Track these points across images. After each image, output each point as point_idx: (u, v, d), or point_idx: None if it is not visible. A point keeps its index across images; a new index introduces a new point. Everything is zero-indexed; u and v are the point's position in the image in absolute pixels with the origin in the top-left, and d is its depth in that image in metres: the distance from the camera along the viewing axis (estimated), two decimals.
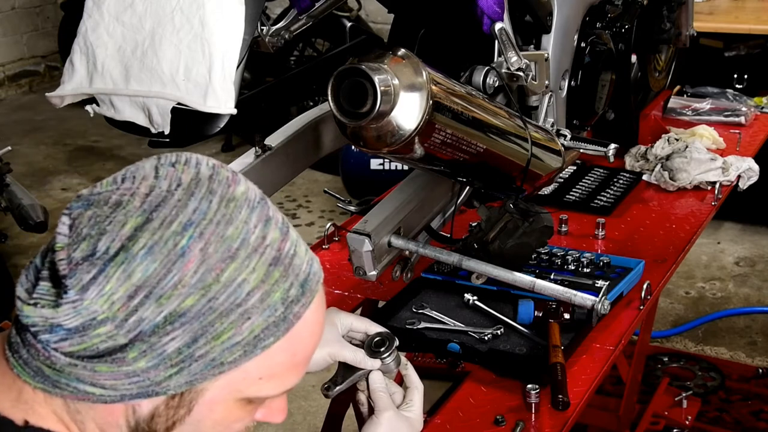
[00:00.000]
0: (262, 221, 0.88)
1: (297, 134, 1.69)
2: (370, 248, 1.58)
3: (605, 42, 2.20)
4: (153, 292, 0.83)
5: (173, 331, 0.84)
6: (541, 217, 1.76)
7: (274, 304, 0.87)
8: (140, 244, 0.83)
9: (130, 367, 0.85)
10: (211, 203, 0.86)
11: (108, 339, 0.84)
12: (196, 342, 0.85)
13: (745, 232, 4.39)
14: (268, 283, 0.87)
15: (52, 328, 0.84)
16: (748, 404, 3.09)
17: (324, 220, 4.73)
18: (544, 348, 1.61)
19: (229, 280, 0.85)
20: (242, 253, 0.85)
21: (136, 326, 0.83)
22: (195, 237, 0.84)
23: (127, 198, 0.86)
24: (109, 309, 0.83)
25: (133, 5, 1.40)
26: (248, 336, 0.86)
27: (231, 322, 0.85)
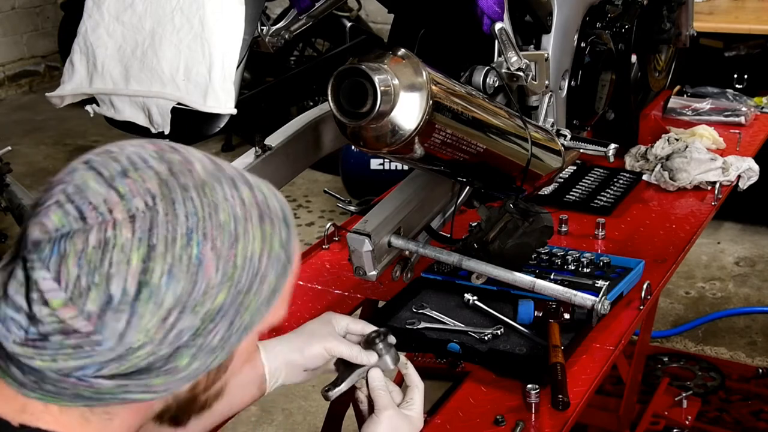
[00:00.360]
0: (232, 187, 0.89)
1: (297, 134, 1.69)
2: (370, 248, 1.58)
3: (605, 42, 2.20)
4: (186, 306, 0.84)
5: (214, 328, 0.87)
6: (541, 217, 1.76)
7: (277, 254, 0.91)
8: (158, 273, 0.82)
9: (184, 372, 0.88)
10: (194, 201, 0.85)
11: (149, 356, 0.85)
12: (233, 324, 0.88)
13: (745, 232, 4.39)
14: (267, 240, 0.90)
15: (84, 368, 0.84)
16: (748, 404, 3.09)
17: (324, 220, 4.73)
18: (544, 348, 1.61)
19: (243, 260, 0.87)
20: (240, 228, 0.87)
21: (177, 339, 0.85)
22: (201, 241, 0.84)
23: (110, 233, 0.81)
24: (146, 336, 0.83)
25: (133, 5, 1.40)
26: (268, 292, 0.91)
27: (255, 291, 0.89)
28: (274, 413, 3.15)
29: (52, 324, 0.82)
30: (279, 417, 3.14)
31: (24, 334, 0.83)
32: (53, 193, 0.84)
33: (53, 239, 0.82)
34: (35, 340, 0.83)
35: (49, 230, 0.82)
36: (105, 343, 0.82)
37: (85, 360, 0.83)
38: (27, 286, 0.82)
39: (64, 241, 0.82)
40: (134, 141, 0.89)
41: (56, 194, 0.84)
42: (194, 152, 0.91)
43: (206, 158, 0.90)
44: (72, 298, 0.81)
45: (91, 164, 0.86)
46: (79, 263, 0.81)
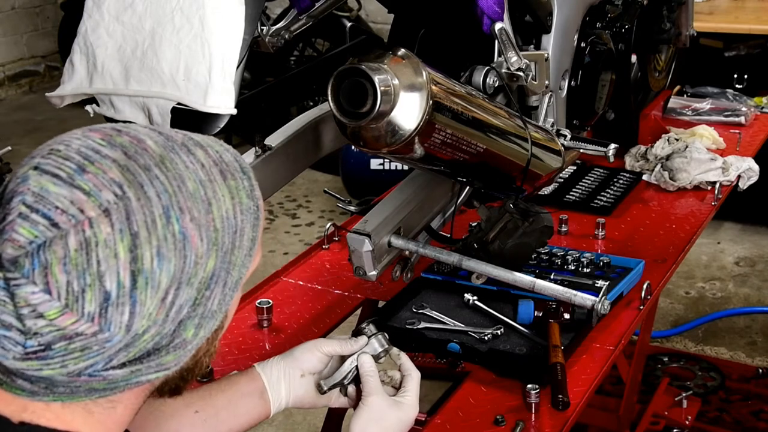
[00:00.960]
0: (188, 153, 0.89)
1: (297, 134, 1.68)
2: (370, 248, 1.58)
3: (605, 42, 2.20)
4: (181, 282, 0.85)
5: (210, 294, 0.89)
6: (541, 217, 1.76)
7: (247, 206, 0.92)
8: (148, 258, 0.82)
9: (192, 343, 0.89)
10: (159, 179, 0.85)
11: (154, 337, 0.85)
12: (226, 284, 0.90)
13: (745, 232, 4.39)
14: (235, 195, 0.91)
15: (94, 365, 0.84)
16: (748, 404, 3.09)
17: (324, 220, 4.73)
18: (544, 348, 1.61)
19: (221, 222, 0.89)
20: (209, 192, 0.88)
21: (178, 314, 0.86)
22: (180, 215, 0.85)
23: (88, 232, 0.80)
24: (149, 319, 0.84)
25: (133, 5, 1.40)
26: (248, 243, 0.92)
27: (237, 247, 0.91)
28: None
29: (52, 333, 0.82)
30: (279, 417, 3.14)
31: (22, 349, 0.82)
32: (12, 206, 0.82)
33: (30, 252, 0.80)
34: (37, 352, 0.82)
35: (22, 244, 0.80)
36: (113, 338, 0.83)
37: (95, 358, 0.84)
38: (14, 303, 0.81)
39: (42, 251, 0.80)
40: (76, 133, 0.87)
41: (16, 206, 0.82)
42: (139, 128, 0.90)
43: (152, 131, 0.90)
44: (68, 304, 0.81)
45: (42, 168, 0.83)
46: (66, 269, 0.80)
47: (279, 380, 1.35)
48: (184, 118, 1.40)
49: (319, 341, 1.37)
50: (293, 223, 4.79)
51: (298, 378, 1.36)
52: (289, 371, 1.36)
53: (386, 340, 1.37)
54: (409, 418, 1.32)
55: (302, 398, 1.37)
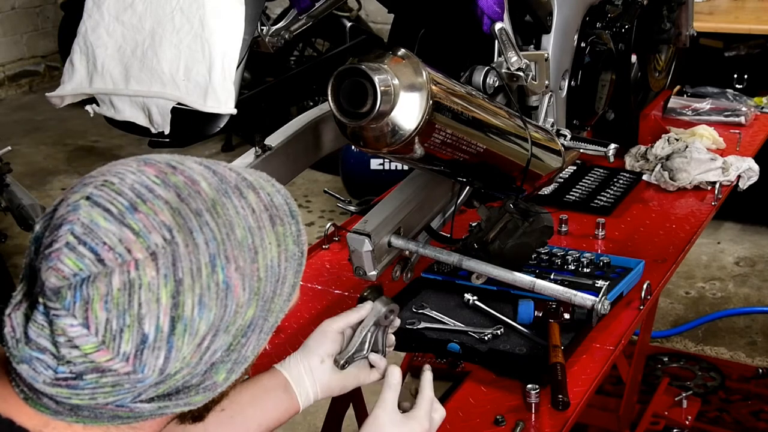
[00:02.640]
0: (239, 197, 0.89)
1: (297, 134, 1.68)
2: (370, 248, 1.58)
3: (605, 42, 2.20)
4: (219, 329, 0.85)
5: (247, 341, 0.89)
6: (541, 217, 1.76)
7: (292, 252, 0.92)
8: (189, 306, 0.82)
9: (222, 386, 0.90)
10: (209, 225, 0.84)
11: (185, 377, 0.86)
12: (262, 330, 0.90)
13: (745, 232, 4.39)
14: (282, 242, 0.91)
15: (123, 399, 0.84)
16: (748, 404, 3.09)
17: (324, 220, 4.73)
18: (544, 348, 1.61)
19: (265, 271, 0.88)
20: (257, 240, 0.88)
21: (212, 357, 0.86)
22: (225, 265, 0.84)
23: (133, 273, 0.80)
24: (182, 362, 0.84)
25: (133, 5, 1.40)
26: (288, 290, 0.92)
27: (278, 295, 0.91)
28: None
29: (85, 364, 0.81)
30: None
31: (53, 374, 0.82)
32: (60, 234, 0.82)
33: (73, 285, 0.80)
34: (67, 380, 0.82)
35: (66, 275, 0.80)
36: (146, 379, 0.83)
37: (126, 394, 0.84)
38: (51, 330, 0.81)
39: (85, 286, 0.80)
40: (131, 165, 0.87)
41: (64, 235, 0.81)
42: (194, 166, 0.89)
43: (207, 171, 0.89)
44: (104, 341, 0.80)
45: (94, 200, 0.83)
46: (107, 307, 0.80)
47: (300, 374, 1.35)
48: (184, 118, 1.40)
49: (325, 323, 1.37)
50: None
51: (318, 366, 1.35)
52: (307, 362, 1.36)
53: (388, 300, 1.38)
54: None
55: (329, 384, 1.36)
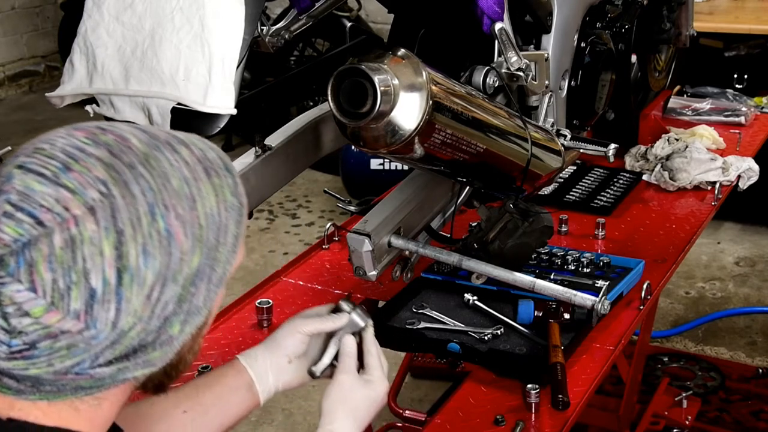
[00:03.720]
0: (172, 151, 0.89)
1: (297, 134, 1.68)
2: (370, 248, 1.58)
3: (605, 42, 2.20)
4: (166, 279, 0.85)
5: (196, 289, 0.89)
6: (541, 217, 1.76)
7: (231, 203, 0.92)
8: (133, 255, 0.83)
9: (178, 339, 0.89)
10: (144, 177, 0.85)
11: (140, 334, 0.86)
12: (210, 281, 0.90)
13: (745, 232, 4.39)
14: (219, 193, 0.91)
15: (81, 363, 0.84)
16: (748, 404, 3.09)
17: (324, 220, 4.73)
18: (544, 348, 1.61)
19: (206, 218, 0.89)
20: (193, 189, 0.88)
21: (164, 310, 0.86)
22: (164, 213, 0.85)
23: (74, 230, 0.81)
24: (135, 316, 0.84)
25: (133, 5, 1.40)
26: (232, 240, 0.93)
27: (222, 244, 0.91)
28: (274, 413, 3.15)
29: (37, 332, 0.82)
30: (279, 417, 3.14)
31: (7, 348, 0.82)
32: None
33: (15, 251, 0.81)
34: (22, 351, 0.83)
35: (7, 243, 0.81)
36: (100, 335, 0.83)
37: (82, 356, 0.84)
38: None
39: (27, 250, 0.80)
40: (60, 132, 0.88)
41: (0, 205, 0.82)
42: (123, 127, 0.90)
43: (136, 129, 0.90)
44: (53, 302, 0.81)
45: (26, 167, 0.84)
46: (51, 267, 0.80)
47: (266, 371, 1.35)
48: (184, 118, 1.40)
49: (298, 322, 1.37)
50: (293, 223, 4.79)
51: (285, 365, 1.36)
52: (275, 360, 1.36)
53: (365, 314, 1.38)
54: (377, 394, 1.32)
55: (291, 382, 1.38)
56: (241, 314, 1.90)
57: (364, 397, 1.31)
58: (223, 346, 1.78)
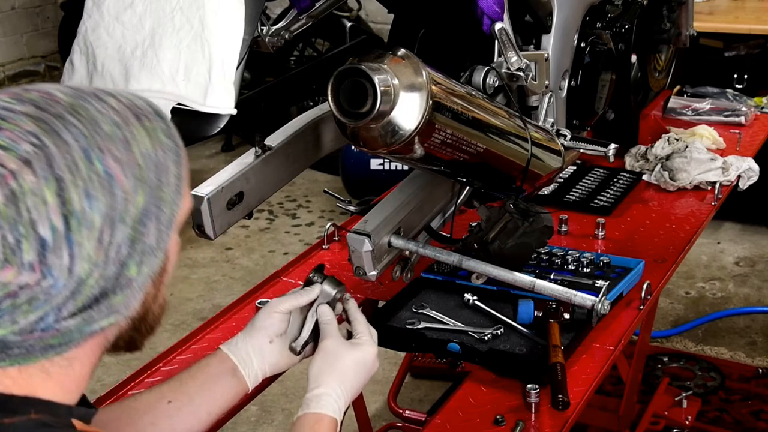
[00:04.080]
0: (98, 101, 0.90)
1: (297, 134, 1.68)
2: (370, 248, 1.58)
3: (605, 42, 2.20)
4: (114, 219, 0.86)
5: (146, 229, 0.89)
6: (541, 217, 1.76)
7: (166, 144, 0.93)
8: (77, 199, 0.84)
9: (138, 281, 0.90)
10: (74, 124, 0.86)
11: (99, 280, 0.86)
12: (159, 220, 0.91)
13: (745, 232, 4.39)
14: (152, 134, 0.92)
15: (44, 317, 0.85)
16: (748, 404, 3.09)
17: (324, 220, 4.73)
18: (544, 348, 1.61)
19: (143, 158, 0.90)
20: (126, 132, 0.89)
21: (118, 253, 0.87)
22: (100, 156, 0.86)
23: (13, 184, 0.82)
24: (90, 261, 0.85)
25: (133, 5, 1.40)
26: (174, 181, 0.93)
27: (164, 184, 0.92)
28: (274, 413, 3.15)
29: None
30: (279, 417, 3.14)
31: None
32: None
33: None
34: None
35: None
36: (57, 283, 0.84)
37: (44, 308, 0.84)
38: None
39: None
40: None
41: None
42: (45, 84, 0.91)
43: (60, 85, 0.91)
44: (6, 258, 0.82)
45: None
46: None
47: (249, 355, 1.37)
48: (184, 117, 1.40)
49: (273, 303, 1.39)
50: (293, 223, 4.79)
51: (267, 346, 1.37)
52: (256, 343, 1.37)
53: (336, 282, 1.41)
54: (367, 357, 1.34)
55: (277, 363, 1.39)
56: (241, 314, 1.90)
57: (351, 360, 1.32)
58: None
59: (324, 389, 1.28)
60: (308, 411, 1.27)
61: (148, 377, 1.70)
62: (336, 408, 1.28)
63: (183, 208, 0.96)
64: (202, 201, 1.47)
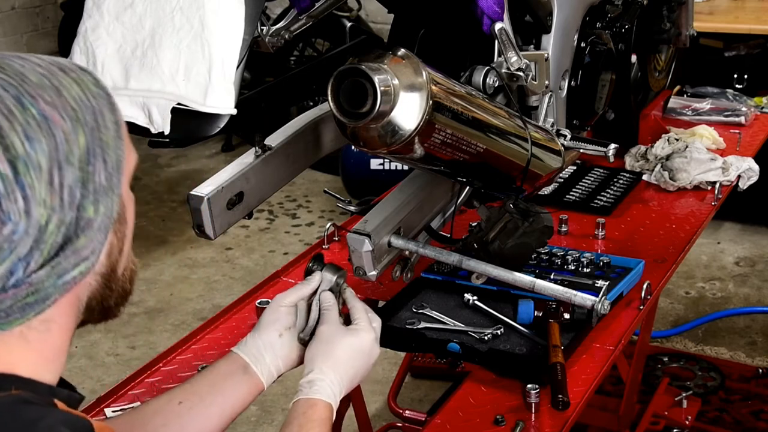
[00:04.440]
0: (21, 58, 0.93)
1: (297, 134, 1.68)
2: (370, 248, 1.58)
3: (605, 42, 2.20)
4: (60, 162, 0.88)
5: (94, 168, 0.91)
6: (541, 217, 1.76)
7: (96, 92, 0.95)
8: (18, 143, 0.85)
9: (97, 221, 0.92)
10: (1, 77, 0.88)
11: (60, 227, 0.88)
12: (106, 162, 0.92)
13: (745, 232, 4.39)
14: (81, 83, 0.94)
15: (13, 271, 0.86)
16: (748, 404, 3.09)
17: (324, 220, 4.73)
18: (544, 348, 1.61)
19: (76, 102, 0.91)
20: (54, 81, 0.91)
21: (72, 196, 0.89)
22: (32, 101, 0.88)
23: None
24: (45, 206, 0.86)
25: (133, 5, 1.40)
26: (112, 126, 0.95)
27: (103, 126, 0.93)
28: (274, 413, 3.15)
29: None
30: (279, 417, 3.14)
31: None
32: None
33: None
34: None
35: None
36: (18, 228, 0.85)
37: (11, 259, 0.85)
38: None
39: None
40: None
41: None
42: None
43: None
44: None
45: None
46: None
47: (259, 351, 1.37)
48: (184, 117, 1.40)
49: (277, 298, 1.40)
50: (293, 223, 4.79)
51: (277, 340, 1.38)
52: (265, 339, 1.37)
53: (336, 268, 1.42)
54: (363, 343, 1.34)
55: (289, 357, 1.39)
56: (241, 314, 1.90)
57: (347, 345, 1.32)
58: (223, 346, 1.78)
59: (317, 374, 1.29)
60: (301, 396, 1.27)
61: (148, 377, 1.70)
62: (330, 393, 1.28)
63: (129, 159, 0.97)
64: (202, 201, 1.47)
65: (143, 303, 3.96)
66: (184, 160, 5.71)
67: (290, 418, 1.25)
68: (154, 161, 5.65)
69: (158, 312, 3.91)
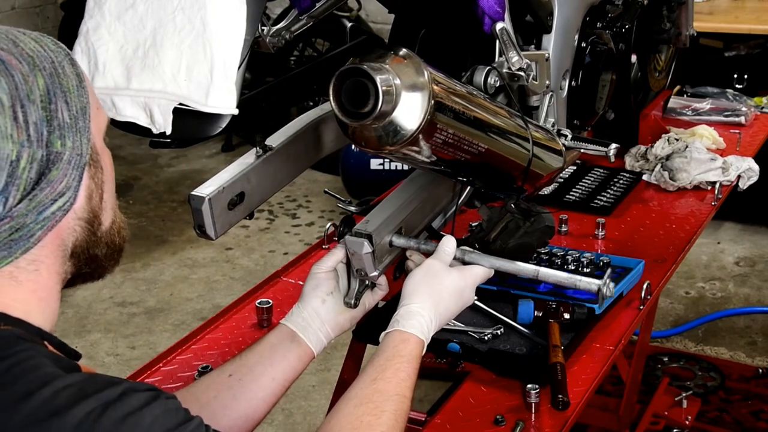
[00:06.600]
0: None
1: (298, 134, 1.68)
2: (370, 250, 1.57)
3: (605, 42, 2.20)
4: (22, 99, 0.92)
5: (55, 107, 0.95)
6: (542, 217, 1.76)
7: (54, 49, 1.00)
8: None
9: (67, 154, 0.95)
10: None
11: (31, 163, 0.92)
12: (69, 103, 0.97)
13: (745, 232, 4.39)
14: (37, 40, 0.99)
15: None
16: (748, 404, 3.09)
17: (324, 220, 4.73)
18: (544, 348, 1.61)
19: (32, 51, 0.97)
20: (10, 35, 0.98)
21: (38, 132, 0.93)
22: None
23: None
24: (13, 141, 0.91)
25: (135, 5, 1.40)
26: (73, 75, 0.99)
27: (63, 74, 0.98)
28: (274, 413, 3.15)
29: None
30: (279, 417, 3.14)
31: None
32: None
33: None
34: None
35: None
36: None
37: None
38: None
39: None
40: None
41: None
42: None
43: None
44: None
45: None
46: None
47: (305, 320, 1.39)
48: (185, 117, 1.40)
49: (315, 267, 1.44)
50: (293, 223, 4.80)
51: (321, 306, 1.41)
52: (309, 307, 1.40)
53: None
54: (466, 285, 1.35)
55: (336, 320, 1.42)
56: (241, 314, 1.90)
57: (450, 284, 1.33)
58: (223, 346, 1.78)
59: (418, 307, 1.27)
60: (397, 328, 1.26)
61: (148, 377, 1.71)
62: (425, 330, 1.28)
63: (99, 115, 1.01)
64: (203, 201, 1.47)
65: (143, 303, 3.96)
66: (184, 160, 5.71)
67: (380, 349, 1.25)
68: (154, 161, 5.65)
69: (158, 312, 3.91)
